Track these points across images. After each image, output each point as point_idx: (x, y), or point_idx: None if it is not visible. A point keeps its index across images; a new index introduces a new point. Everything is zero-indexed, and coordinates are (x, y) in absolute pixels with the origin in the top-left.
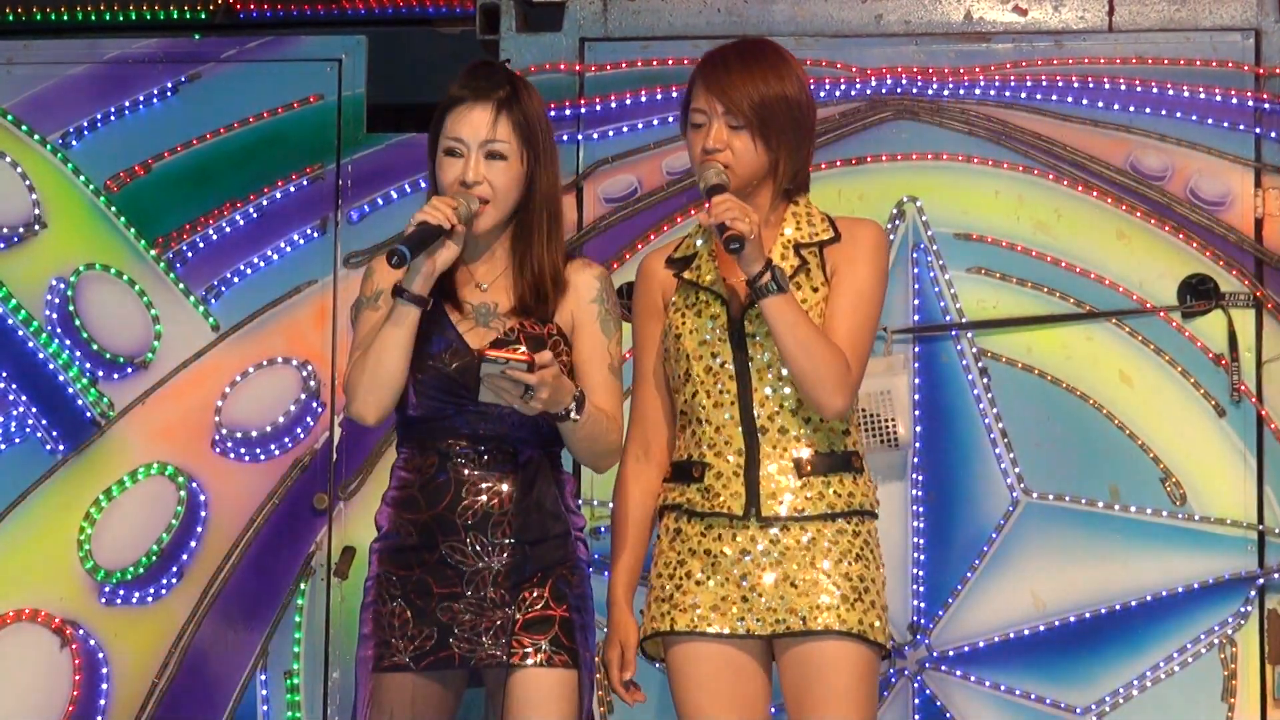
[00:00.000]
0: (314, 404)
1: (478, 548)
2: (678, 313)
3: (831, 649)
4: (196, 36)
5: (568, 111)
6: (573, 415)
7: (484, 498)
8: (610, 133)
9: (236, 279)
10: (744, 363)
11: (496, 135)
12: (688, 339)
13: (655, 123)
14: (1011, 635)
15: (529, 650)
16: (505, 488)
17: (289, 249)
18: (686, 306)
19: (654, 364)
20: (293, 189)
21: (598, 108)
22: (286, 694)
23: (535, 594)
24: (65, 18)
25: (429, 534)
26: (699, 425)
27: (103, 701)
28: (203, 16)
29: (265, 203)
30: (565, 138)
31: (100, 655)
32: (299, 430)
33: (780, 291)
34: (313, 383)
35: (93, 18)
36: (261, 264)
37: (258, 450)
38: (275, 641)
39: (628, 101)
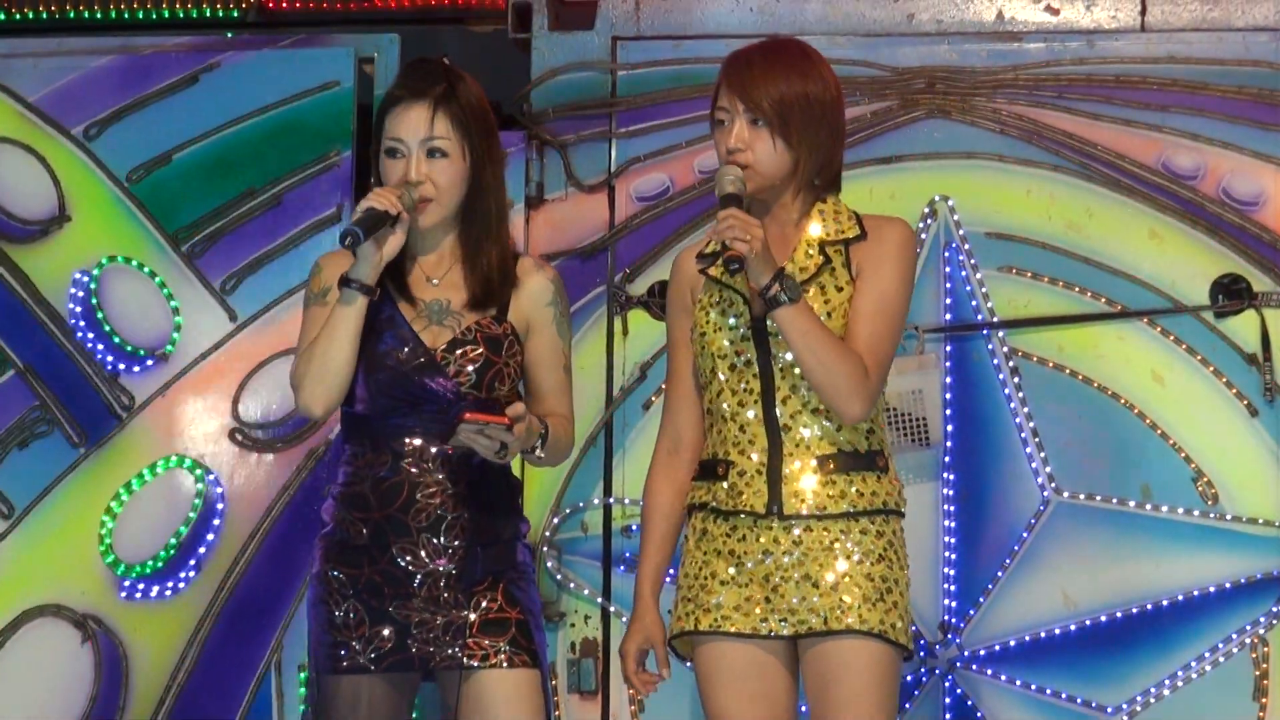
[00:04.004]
0: None
1: (430, 550)
2: (703, 310)
3: (852, 649)
4: (229, 34)
5: (600, 110)
6: (538, 452)
7: (437, 500)
8: (643, 131)
9: (254, 269)
10: (767, 361)
11: (435, 133)
12: (712, 337)
13: (687, 121)
14: (1042, 635)
15: (489, 652)
16: (458, 490)
17: (304, 238)
18: (712, 304)
19: (685, 361)
20: (309, 177)
21: (630, 106)
22: (300, 688)
23: (489, 597)
24: (99, 15)
25: (380, 534)
26: (724, 423)
27: (122, 697)
28: (235, 14)
29: (282, 191)
30: (598, 137)
31: (120, 650)
32: (313, 420)
33: (791, 302)
34: None
35: (125, 15)
36: (278, 253)
37: (274, 441)
38: (289, 635)
39: (660, 100)
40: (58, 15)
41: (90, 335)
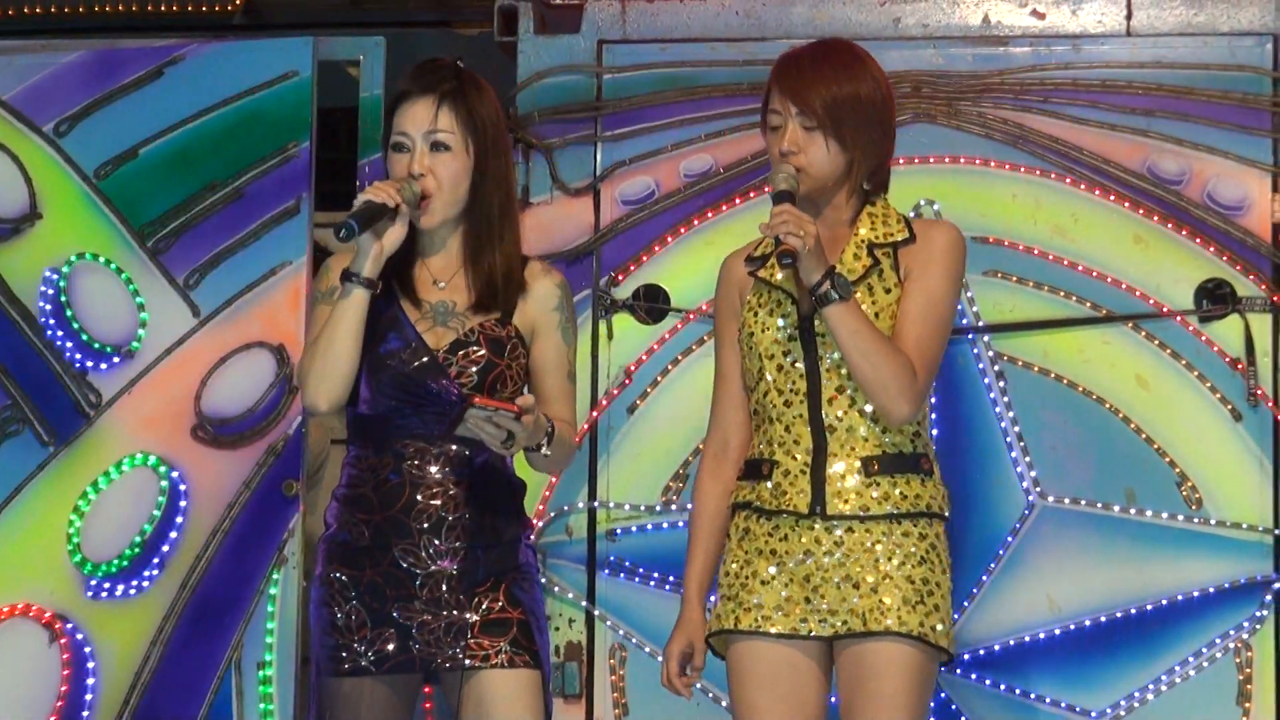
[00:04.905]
0: (287, 388)
1: (431, 551)
2: (751, 311)
3: (887, 650)
4: None
5: (586, 113)
6: (544, 450)
7: (438, 501)
8: (628, 135)
9: (216, 263)
10: (814, 361)
11: (439, 125)
12: (760, 338)
13: (673, 125)
14: (1027, 639)
15: (489, 652)
16: (459, 491)
17: (265, 231)
18: (760, 305)
19: (733, 364)
20: (269, 169)
21: (616, 110)
22: (259, 685)
23: (490, 598)
24: (80, 11)
25: (382, 535)
26: (770, 424)
27: (89, 696)
28: (223, 17)
29: (243, 184)
30: (583, 140)
31: (87, 649)
32: (274, 415)
33: (841, 300)
34: (286, 366)
35: (114, 20)
36: (239, 247)
37: (235, 437)
38: (249, 632)
39: (646, 104)
40: (42, 15)
41: (60, 333)
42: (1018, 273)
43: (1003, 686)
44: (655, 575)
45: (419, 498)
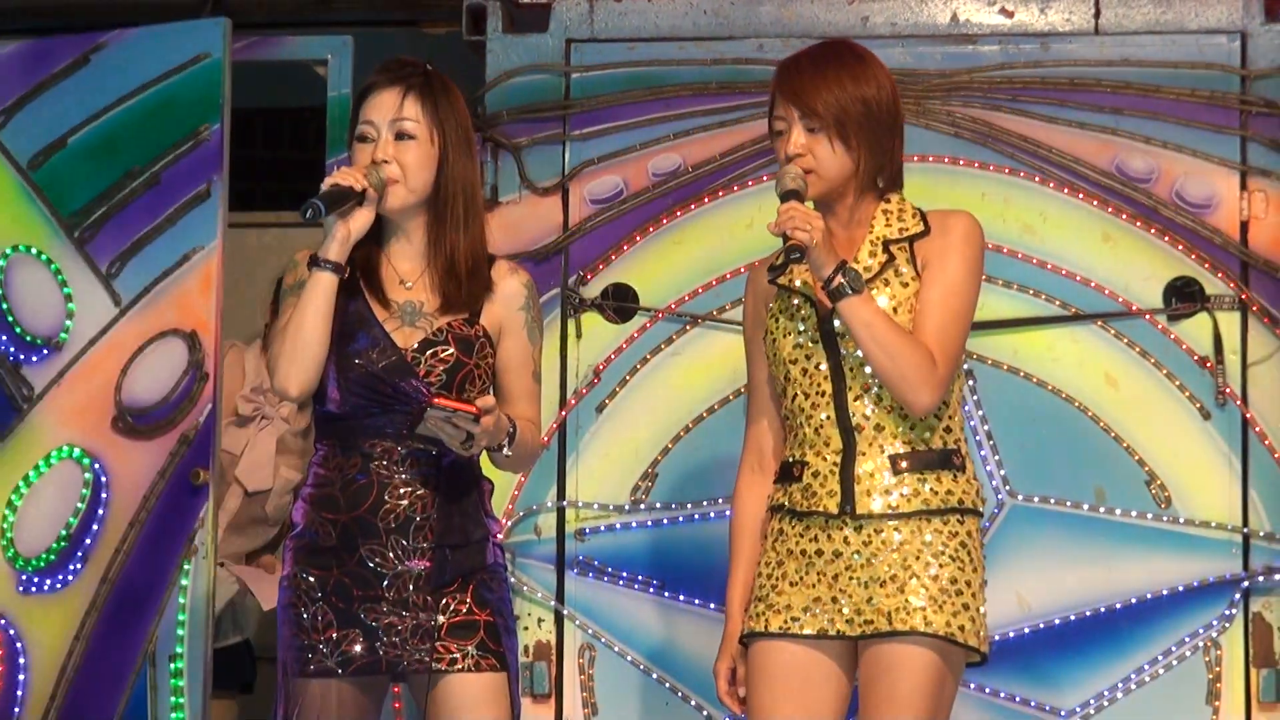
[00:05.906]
0: (198, 375)
1: (398, 551)
2: (773, 319)
3: (906, 650)
4: None
5: (554, 112)
6: (505, 451)
7: (405, 501)
8: (596, 134)
9: (135, 251)
10: (837, 361)
11: (404, 114)
12: (782, 343)
13: (641, 124)
14: (996, 637)
15: (456, 655)
16: (427, 491)
17: (179, 216)
18: (781, 312)
19: (765, 374)
20: (182, 154)
21: (584, 109)
22: (171, 678)
23: (458, 599)
24: (52, 14)
25: (348, 536)
26: (800, 427)
27: (19, 692)
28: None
29: (160, 170)
30: (551, 139)
31: (19, 645)
32: (186, 403)
33: (855, 292)
34: (197, 353)
35: (78, 15)
36: (156, 233)
37: (150, 426)
38: (162, 624)
39: (614, 103)
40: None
41: None
42: (986, 271)
43: (972, 685)
44: (624, 575)
45: (386, 498)
